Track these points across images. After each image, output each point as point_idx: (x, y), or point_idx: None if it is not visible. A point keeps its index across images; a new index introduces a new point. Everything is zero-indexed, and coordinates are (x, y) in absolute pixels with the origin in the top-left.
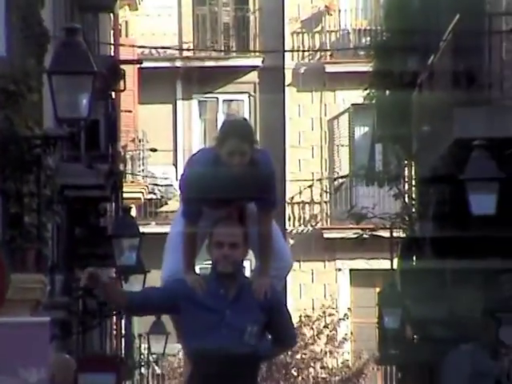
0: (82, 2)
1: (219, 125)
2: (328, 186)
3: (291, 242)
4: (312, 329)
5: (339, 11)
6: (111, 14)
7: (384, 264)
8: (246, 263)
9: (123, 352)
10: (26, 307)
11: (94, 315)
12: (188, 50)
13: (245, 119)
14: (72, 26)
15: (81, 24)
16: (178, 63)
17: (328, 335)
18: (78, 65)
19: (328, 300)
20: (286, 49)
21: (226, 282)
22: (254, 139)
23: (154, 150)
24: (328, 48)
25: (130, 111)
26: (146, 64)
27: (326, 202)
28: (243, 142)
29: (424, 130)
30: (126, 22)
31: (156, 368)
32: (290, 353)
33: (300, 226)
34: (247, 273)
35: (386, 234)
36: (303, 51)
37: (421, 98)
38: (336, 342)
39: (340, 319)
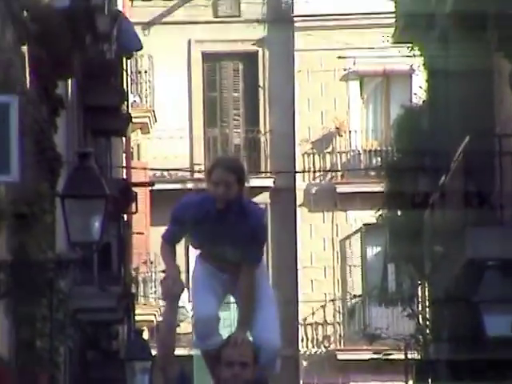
0: (95, 126)
1: None
2: (341, 307)
3: (304, 363)
4: None
5: (350, 132)
6: (123, 138)
7: None
8: None
9: None
10: None
11: None
12: (199, 171)
13: (237, 157)
14: (84, 151)
15: (93, 148)
16: (190, 185)
17: None
18: (91, 189)
19: None
20: (297, 170)
21: None
22: (242, 174)
23: None
24: (339, 168)
25: (141, 233)
26: (157, 186)
27: (339, 323)
28: (228, 172)
29: (437, 250)
30: (138, 145)
31: None
32: None
33: (313, 347)
34: None
35: (400, 355)
36: (314, 172)
37: (433, 218)
38: None
39: None
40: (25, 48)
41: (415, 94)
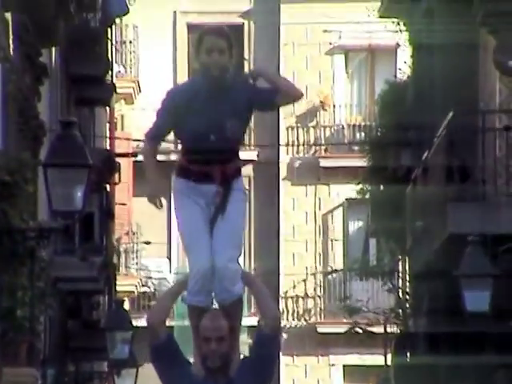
0: (79, 95)
1: None
2: (322, 280)
3: (285, 336)
4: None
5: (334, 106)
6: (107, 108)
7: (378, 360)
8: None
9: None
10: None
11: None
12: None
13: (223, 25)
14: (68, 120)
15: (77, 117)
16: (174, 156)
17: None
18: (73, 158)
19: None
20: (281, 143)
21: (216, 374)
22: (232, 41)
23: (148, 243)
24: (323, 143)
25: (124, 204)
26: (141, 157)
27: (319, 297)
28: (220, 38)
29: (418, 225)
30: (122, 116)
31: None
32: None
33: (294, 320)
34: None
35: (379, 329)
36: (298, 145)
37: (415, 193)
38: None
39: None
40: (8, 15)
41: (400, 69)
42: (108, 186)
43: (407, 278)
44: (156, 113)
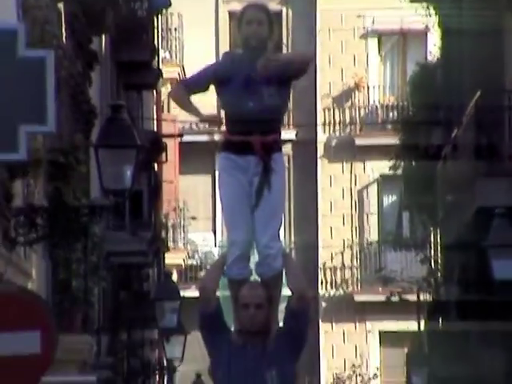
0: (127, 80)
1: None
2: (358, 252)
3: (324, 305)
4: None
5: (368, 88)
6: (154, 92)
7: (412, 326)
8: None
9: None
10: (73, 367)
11: (137, 374)
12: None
13: (265, 3)
14: (117, 103)
15: (125, 101)
16: (217, 136)
17: None
18: (123, 139)
19: (359, 360)
20: (318, 123)
21: (253, 341)
22: (271, 15)
23: (194, 218)
24: (358, 122)
25: (171, 182)
26: (186, 137)
27: (356, 267)
28: (260, 11)
29: (448, 199)
30: (168, 99)
31: None
32: None
33: (332, 289)
34: None
35: (413, 297)
36: (334, 125)
37: (445, 169)
38: None
39: (370, 378)
40: (61, 5)
41: (430, 51)
42: (155, 165)
43: (439, 249)
44: (203, 67)
